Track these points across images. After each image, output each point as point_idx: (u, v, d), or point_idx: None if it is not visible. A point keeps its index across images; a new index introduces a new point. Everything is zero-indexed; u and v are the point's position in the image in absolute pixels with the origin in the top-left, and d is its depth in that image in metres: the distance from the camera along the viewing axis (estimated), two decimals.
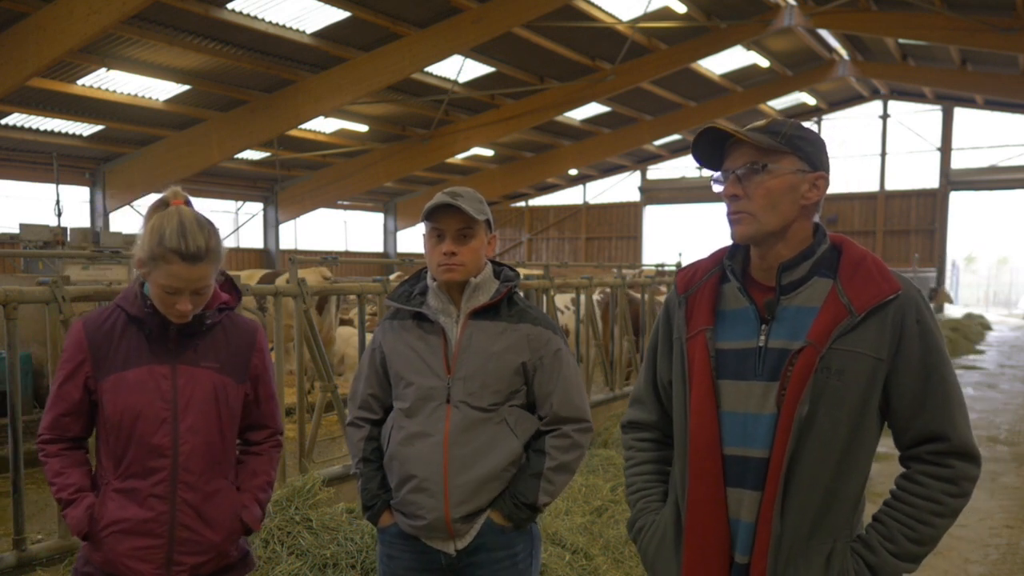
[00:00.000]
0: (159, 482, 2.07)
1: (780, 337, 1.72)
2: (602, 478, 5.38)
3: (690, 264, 1.95)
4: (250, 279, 10.18)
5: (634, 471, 2.02)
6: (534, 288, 6.34)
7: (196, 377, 2.11)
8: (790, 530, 1.68)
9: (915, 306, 1.69)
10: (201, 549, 2.12)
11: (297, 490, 3.85)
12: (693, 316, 1.84)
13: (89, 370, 2.08)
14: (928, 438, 1.70)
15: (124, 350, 2.08)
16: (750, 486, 1.73)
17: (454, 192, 2.25)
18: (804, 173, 1.73)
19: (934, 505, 1.67)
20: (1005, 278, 33.75)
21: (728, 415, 1.76)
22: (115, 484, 2.09)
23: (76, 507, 2.08)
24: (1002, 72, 20.34)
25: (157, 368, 2.08)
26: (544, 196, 32.54)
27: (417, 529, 2.26)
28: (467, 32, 14.52)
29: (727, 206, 1.77)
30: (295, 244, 26.99)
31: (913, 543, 1.67)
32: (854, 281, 1.69)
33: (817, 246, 1.76)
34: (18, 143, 17.91)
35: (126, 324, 2.10)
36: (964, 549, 4.95)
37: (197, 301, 2.05)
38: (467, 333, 2.26)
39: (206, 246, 2.00)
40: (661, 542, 1.88)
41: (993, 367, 13.82)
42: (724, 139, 1.78)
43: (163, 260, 1.98)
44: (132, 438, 2.06)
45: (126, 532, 2.06)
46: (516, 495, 2.24)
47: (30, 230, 13.32)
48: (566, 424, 2.30)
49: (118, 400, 2.06)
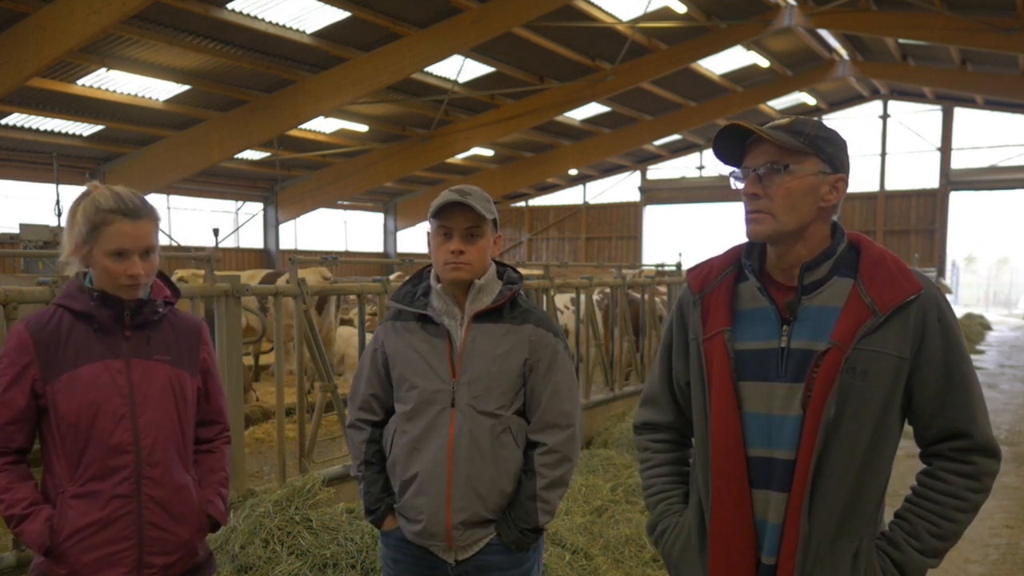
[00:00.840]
0: (122, 480, 2.00)
1: (802, 337, 1.71)
2: (602, 478, 5.38)
3: (702, 263, 1.92)
4: (251, 279, 10.18)
5: (652, 473, 2.00)
6: (534, 288, 6.34)
7: (151, 370, 2.06)
8: (817, 530, 1.68)
9: (936, 305, 1.69)
10: (171, 548, 2.06)
11: (297, 490, 3.84)
12: (710, 316, 1.81)
13: (36, 372, 1.99)
14: (950, 435, 1.70)
15: (73, 348, 2.01)
16: (776, 487, 1.72)
17: (462, 190, 2.21)
18: (825, 175, 1.72)
19: (957, 501, 1.68)
20: (1005, 278, 33.73)
21: (751, 416, 1.75)
22: (72, 490, 1.99)
23: (33, 520, 1.97)
24: (1002, 72, 20.33)
25: (111, 363, 2.02)
26: (544, 196, 32.53)
27: (415, 534, 2.24)
28: (467, 32, 14.51)
29: (745, 204, 1.75)
30: (295, 244, 26.98)
31: (937, 539, 1.68)
32: (876, 280, 1.69)
33: (837, 245, 1.75)
34: (18, 143, 17.90)
35: (72, 322, 2.03)
36: (964, 549, 4.95)
37: (146, 267, 2.02)
38: (471, 336, 2.24)
39: (142, 204, 2.03)
40: (686, 544, 1.87)
41: (993, 367, 13.81)
42: (745, 136, 1.76)
43: (104, 224, 1.98)
44: (91, 437, 1.98)
45: (91, 539, 1.98)
46: (517, 521, 2.23)
47: (30, 230, 13.34)
48: (551, 430, 2.26)
49: (73, 399, 1.98)
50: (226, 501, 2.24)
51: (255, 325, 9.20)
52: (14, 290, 3.27)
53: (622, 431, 6.68)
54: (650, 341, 8.54)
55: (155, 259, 2.05)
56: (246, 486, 4.25)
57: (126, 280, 2.00)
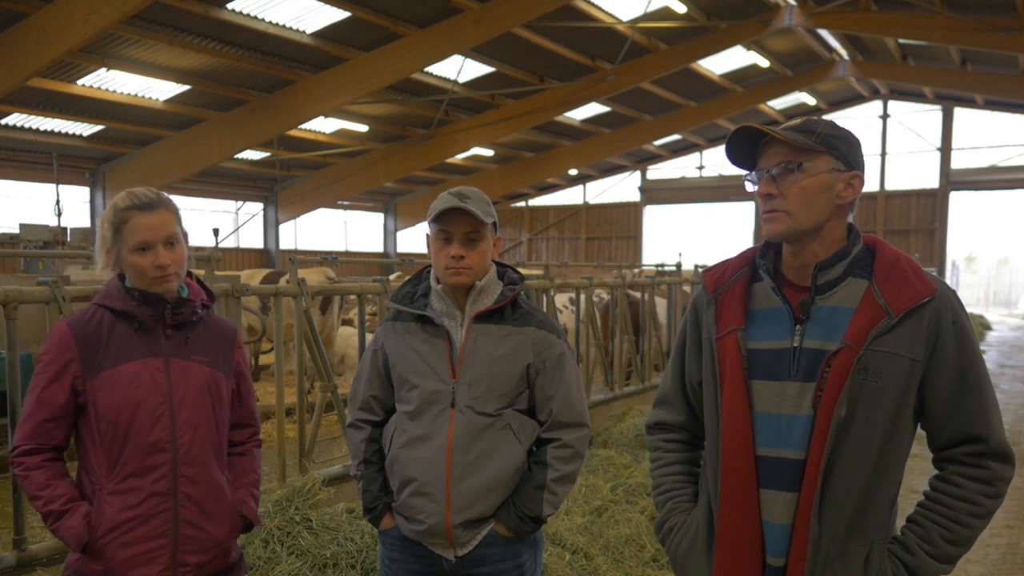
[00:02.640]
0: (160, 478, 2.02)
1: (815, 337, 1.71)
2: (602, 478, 5.38)
3: (718, 264, 1.93)
4: (251, 279, 10.18)
5: (662, 471, 2.00)
6: (534, 288, 6.34)
7: (188, 370, 2.09)
8: (828, 533, 1.68)
9: (950, 308, 1.68)
10: (205, 546, 2.08)
11: (297, 490, 3.84)
12: (723, 316, 1.82)
13: (77, 370, 2.02)
14: (964, 439, 1.69)
15: (115, 346, 2.04)
16: (784, 487, 1.72)
17: (462, 194, 2.20)
18: (839, 172, 1.72)
19: (971, 506, 1.67)
20: (1005, 278, 33.75)
21: (761, 415, 1.75)
22: (110, 487, 2.02)
23: (72, 516, 1.99)
24: (1002, 72, 20.32)
25: (151, 361, 2.05)
26: (544, 196, 32.52)
27: (417, 533, 2.24)
28: (467, 32, 14.51)
29: (761, 205, 1.76)
30: (295, 244, 26.96)
31: (950, 544, 1.67)
32: (890, 282, 1.68)
33: (852, 246, 1.75)
34: (18, 143, 17.89)
35: (112, 321, 2.06)
36: None
37: (173, 256, 2.05)
38: (472, 337, 2.23)
39: (157, 197, 2.08)
40: (692, 543, 1.87)
41: (993, 367, 13.80)
42: (758, 138, 1.77)
43: (124, 223, 2.03)
44: (129, 435, 2.01)
45: (128, 535, 2.00)
46: (520, 508, 2.21)
47: (30, 230, 13.34)
48: (565, 429, 2.27)
49: (113, 396, 2.01)
50: (258, 502, 2.27)
51: (255, 325, 9.20)
52: (14, 290, 3.27)
53: (622, 431, 6.68)
54: (650, 341, 8.54)
55: (182, 249, 2.09)
56: None
57: (155, 272, 2.03)
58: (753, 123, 1.75)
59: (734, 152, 1.81)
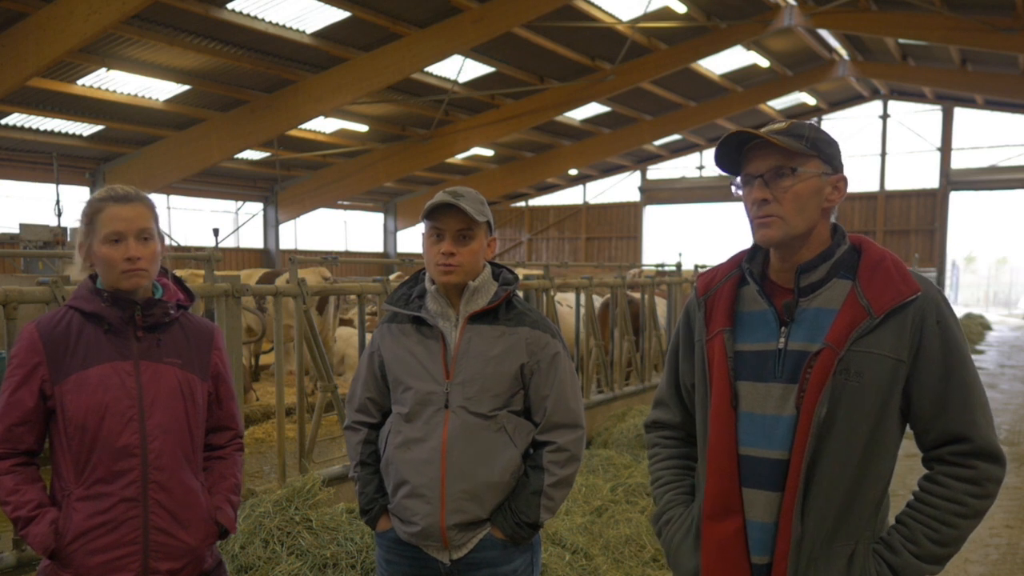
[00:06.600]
0: (129, 484, 1.98)
1: (799, 339, 1.72)
2: (602, 478, 5.38)
3: (710, 268, 1.96)
4: (249, 278, 10.18)
5: (660, 465, 2.02)
6: (534, 288, 6.34)
7: (160, 373, 2.04)
8: (811, 532, 1.68)
9: (935, 307, 1.68)
10: (177, 553, 2.04)
11: (297, 490, 3.84)
12: (712, 318, 1.84)
13: (45, 373, 1.98)
14: (950, 439, 1.69)
15: (83, 348, 2.00)
16: (768, 487, 1.73)
17: (455, 192, 2.21)
18: (827, 176, 1.73)
19: (957, 506, 1.67)
20: (1005, 278, 33.74)
21: (746, 416, 1.76)
22: (79, 493, 1.98)
23: (38, 523, 1.96)
24: (1002, 72, 20.33)
25: (120, 364, 2.00)
26: (544, 196, 32.53)
27: (411, 535, 2.24)
28: (467, 32, 14.51)
29: (752, 210, 1.75)
30: (295, 244, 26.98)
31: (936, 544, 1.67)
32: (873, 283, 1.69)
33: (836, 247, 1.75)
34: (18, 143, 17.90)
35: (82, 323, 2.02)
36: (964, 549, 4.95)
37: (145, 251, 2.00)
38: (466, 337, 2.23)
39: (134, 192, 2.07)
40: (686, 535, 1.88)
41: (993, 367, 13.81)
42: (743, 143, 1.77)
43: (97, 213, 2.02)
44: (97, 439, 1.97)
45: (96, 542, 1.96)
46: (517, 514, 2.21)
47: (30, 230, 13.36)
48: (560, 430, 2.26)
49: (81, 400, 1.96)
50: (236, 508, 2.21)
51: (254, 325, 9.20)
52: (14, 290, 3.27)
53: (622, 431, 6.68)
54: (649, 341, 8.54)
55: (155, 247, 2.04)
56: (246, 486, 4.25)
57: (124, 264, 1.98)
58: (746, 128, 1.76)
59: (722, 158, 1.81)
